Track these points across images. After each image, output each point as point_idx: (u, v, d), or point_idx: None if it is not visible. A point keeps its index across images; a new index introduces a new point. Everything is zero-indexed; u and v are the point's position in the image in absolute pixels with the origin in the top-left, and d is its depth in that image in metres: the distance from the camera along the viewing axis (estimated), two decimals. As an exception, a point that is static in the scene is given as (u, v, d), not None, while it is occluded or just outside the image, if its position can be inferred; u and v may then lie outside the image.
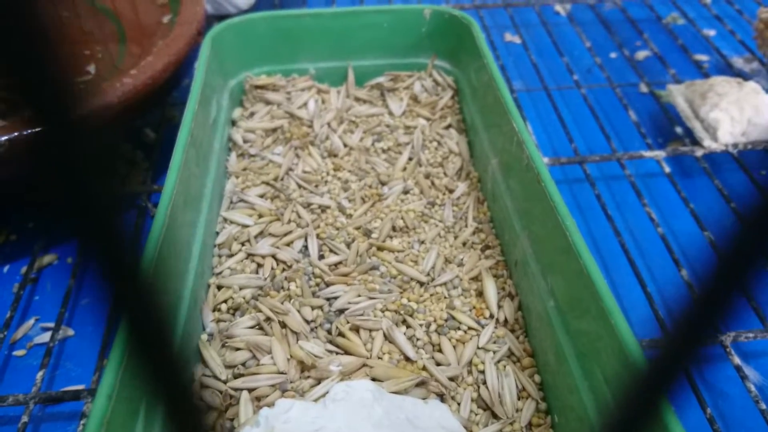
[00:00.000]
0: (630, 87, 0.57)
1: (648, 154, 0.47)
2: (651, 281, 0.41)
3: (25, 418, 0.31)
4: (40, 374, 0.33)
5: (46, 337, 0.37)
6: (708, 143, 0.47)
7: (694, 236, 0.43)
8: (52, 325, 0.37)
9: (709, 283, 0.08)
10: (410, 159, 0.43)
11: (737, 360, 0.34)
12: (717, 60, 0.61)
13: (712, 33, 0.65)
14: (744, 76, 0.56)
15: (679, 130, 0.50)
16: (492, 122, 0.41)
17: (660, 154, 0.47)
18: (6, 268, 0.42)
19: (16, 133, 0.34)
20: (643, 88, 0.57)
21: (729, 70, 0.58)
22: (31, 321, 0.38)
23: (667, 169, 0.46)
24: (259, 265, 0.36)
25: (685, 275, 0.38)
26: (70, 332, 0.38)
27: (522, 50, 0.61)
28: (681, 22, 0.67)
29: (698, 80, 0.51)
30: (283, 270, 0.35)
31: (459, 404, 0.30)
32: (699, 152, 0.47)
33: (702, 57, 0.61)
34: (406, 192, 0.41)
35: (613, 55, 0.62)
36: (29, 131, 0.34)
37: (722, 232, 0.08)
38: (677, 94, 0.51)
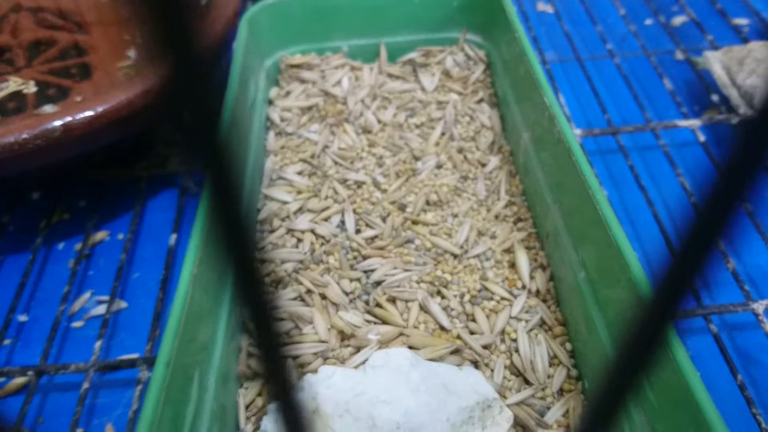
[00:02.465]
0: (665, 54, 0.57)
1: (683, 123, 0.47)
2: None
3: (86, 385, 0.34)
4: (97, 344, 0.35)
5: (101, 309, 0.40)
6: (744, 110, 0.47)
7: (728, 205, 0.43)
8: (106, 298, 0.40)
9: (710, 201, 0.09)
10: (443, 134, 0.44)
11: (769, 328, 0.34)
12: (757, 24, 0.59)
13: (752, -5, 0.63)
14: (785, 41, 0.55)
15: (715, 98, 0.50)
16: (523, 96, 0.41)
17: (695, 123, 0.47)
18: (61, 246, 0.44)
19: (69, 118, 0.36)
20: (679, 56, 0.56)
21: (769, 35, 0.57)
22: (87, 294, 0.41)
23: (702, 138, 0.45)
24: (299, 240, 0.37)
25: (720, 245, 0.39)
26: (123, 304, 0.40)
27: (554, 20, 0.61)
28: (720, -15, 0.65)
29: (736, 46, 0.51)
30: (322, 244, 0.37)
31: (492, 371, 0.31)
32: (735, 120, 0.47)
33: (741, 21, 0.60)
34: (439, 167, 0.42)
35: (648, 21, 0.61)
36: (82, 115, 0.36)
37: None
38: (714, 61, 0.50)
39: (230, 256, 0.10)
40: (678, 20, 0.60)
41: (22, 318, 0.40)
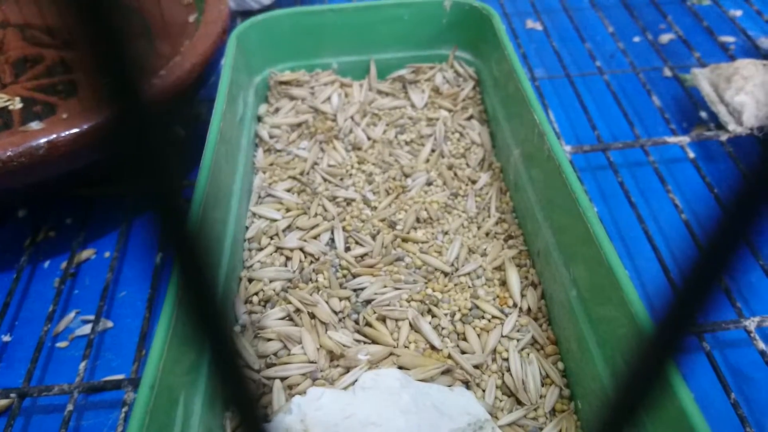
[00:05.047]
0: (654, 71, 0.57)
1: (672, 139, 0.47)
2: (675, 268, 0.41)
3: (70, 407, 0.33)
4: (82, 365, 0.35)
5: (86, 329, 0.39)
6: (733, 127, 0.47)
7: (718, 222, 0.43)
8: (91, 317, 0.39)
9: (715, 239, 0.09)
10: (433, 150, 0.43)
11: (762, 345, 0.34)
12: (743, 41, 0.60)
13: (738, 13, 0.64)
14: (771, 58, 0.56)
15: (703, 114, 0.50)
16: (513, 113, 0.41)
17: (684, 139, 0.47)
18: (47, 264, 0.43)
19: (54, 135, 0.35)
20: (667, 73, 0.56)
21: (756, 52, 0.57)
22: (72, 314, 0.40)
23: (692, 155, 0.46)
24: (288, 258, 0.37)
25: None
26: (109, 324, 0.40)
27: (543, 37, 0.61)
28: (706, 3, 0.66)
29: (723, 63, 0.51)
30: (311, 262, 0.36)
31: (484, 391, 0.31)
32: (724, 137, 0.47)
33: (728, 38, 0.60)
34: (429, 183, 0.41)
35: (636, 39, 0.61)
36: (67, 133, 0.36)
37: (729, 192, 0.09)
38: (702, 78, 0.51)
39: (206, 345, 0.09)
40: (665, 38, 0.61)
41: (6, 338, 0.39)
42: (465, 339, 0.33)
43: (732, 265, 0.08)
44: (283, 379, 0.31)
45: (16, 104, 0.45)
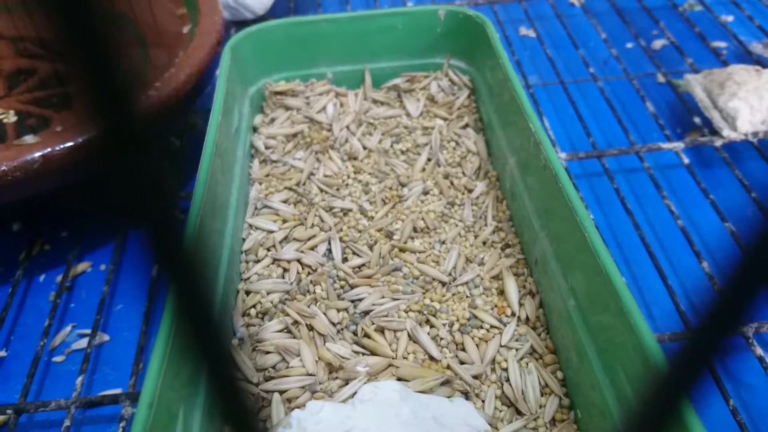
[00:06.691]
0: (647, 77, 0.57)
1: (666, 145, 0.47)
2: (672, 274, 0.41)
3: (67, 422, 0.33)
4: (79, 379, 0.35)
5: (83, 343, 0.39)
6: (727, 133, 0.47)
7: (714, 227, 0.44)
8: (88, 331, 0.39)
9: (734, 278, 0.09)
10: (429, 160, 0.44)
11: (760, 351, 0.34)
12: (735, 47, 0.60)
13: (729, 19, 0.64)
14: (763, 63, 0.56)
15: (697, 120, 0.50)
16: (508, 121, 0.41)
17: (679, 145, 0.47)
18: (42, 278, 0.43)
19: (48, 149, 0.35)
20: (661, 78, 0.57)
21: (748, 57, 0.57)
22: (68, 328, 0.40)
23: (686, 161, 0.46)
24: (285, 270, 0.37)
25: (707, 267, 0.39)
26: (106, 338, 0.39)
27: (537, 44, 0.62)
28: (698, 9, 0.66)
29: (716, 69, 0.51)
30: (309, 274, 0.36)
31: (483, 402, 0.31)
32: (718, 142, 0.47)
33: (720, 44, 0.61)
34: (425, 193, 0.41)
35: (629, 45, 0.62)
36: (61, 146, 0.35)
37: (745, 224, 0.08)
38: (695, 84, 0.51)
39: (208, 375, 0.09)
40: (658, 44, 0.61)
41: (1, 353, 0.39)
42: (464, 349, 0.33)
43: (751, 310, 0.08)
44: (282, 392, 0.31)
45: (11, 117, 0.45)
